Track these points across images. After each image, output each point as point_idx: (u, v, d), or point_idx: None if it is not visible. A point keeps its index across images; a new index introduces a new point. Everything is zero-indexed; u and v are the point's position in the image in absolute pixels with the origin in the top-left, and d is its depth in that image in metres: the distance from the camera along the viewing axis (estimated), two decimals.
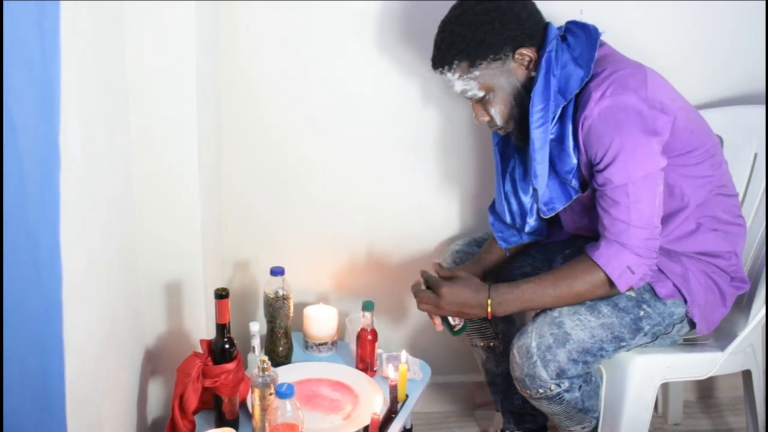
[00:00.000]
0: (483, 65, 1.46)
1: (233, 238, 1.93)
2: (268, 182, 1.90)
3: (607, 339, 1.47)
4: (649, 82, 1.43)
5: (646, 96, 1.40)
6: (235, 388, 1.50)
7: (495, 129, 1.56)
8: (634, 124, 1.39)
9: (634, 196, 1.40)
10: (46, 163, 0.91)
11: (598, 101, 1.40)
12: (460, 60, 1.46)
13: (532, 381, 1.45)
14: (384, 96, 1.85)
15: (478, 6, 1.45)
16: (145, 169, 1.49)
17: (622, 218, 1.41)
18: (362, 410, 1.58)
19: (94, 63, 1.21)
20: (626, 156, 1.39)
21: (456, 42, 1.45)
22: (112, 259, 1.36)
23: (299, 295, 1.93)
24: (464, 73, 1.47)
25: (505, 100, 1.49)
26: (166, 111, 1.47)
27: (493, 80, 1.47)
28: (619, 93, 1.39)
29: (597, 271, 1.44)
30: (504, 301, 1.49)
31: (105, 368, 1.32)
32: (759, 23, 1.85)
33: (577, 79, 1.43)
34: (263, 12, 1.75)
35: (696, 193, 1.52)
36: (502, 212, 1.64)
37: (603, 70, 1.43)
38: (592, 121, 1.41)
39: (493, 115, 1.51)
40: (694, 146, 1.49)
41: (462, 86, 1.50)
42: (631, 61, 1.49)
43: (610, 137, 1.39)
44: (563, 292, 1.46)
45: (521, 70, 1.48)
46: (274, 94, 1.83)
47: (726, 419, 2.06)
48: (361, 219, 1.95)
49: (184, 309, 1.62)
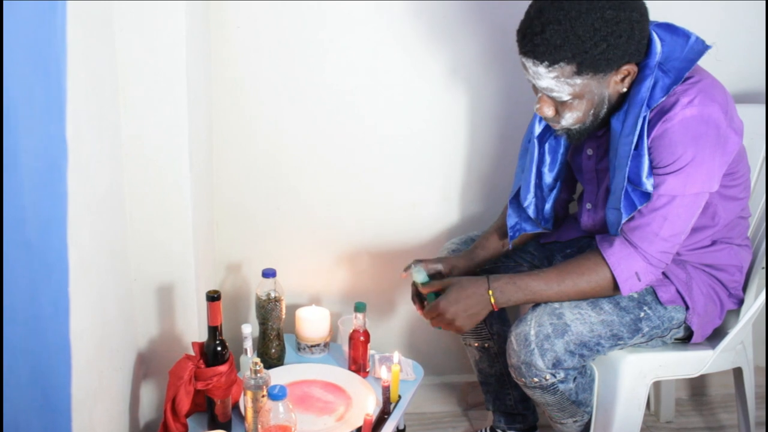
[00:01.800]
0: (589, 76, 1.32)
1: (225, 240, 1.93)
2: (260, 184, 1.90)
3: (606, 336, 1.47)
4: (728, 96, 1.40)
5: (727, 111, 1.37)
6: (228, 390, 1.49)
7: (552, 124, 1.45)
8: (710, 139, 1.34)
9: (676, 210, 1.38)
10: (55, 160, 0.91)
11: (685, 107, 1.33)
12: (568, 63, 1.30)
13: (528, 369, 1.45)
14: (375, 96, 1.85)
15: (609, 11, 1.28)
16: (136, 170, 1.49)
17: (654, 226, 1.39)
18: (355, 411, 1.58)
19: (83, 64, 1.20)
20: (690, 169, 1.35)
21: (573, 43, 1.28)
22: (103, 261, 1.36)
23: (291, 296, 1.93)
24: (564, 75, 1.32)
25: (587, 108, 1.38)
26: (157, 112, 1.46)
27: (588, 90, 1.35)
28: (706, 104, 1.33)
29: (604, 269, 1.43)
30: (506, 290, 1.47)
31: (97, 371, 1.32)
32: (753, 22, 1.87)
33: (664, 87, 1.35)
34: (253, 13, 1.75)
35: (727, 214, 1.51)
36: (529, 206, 1.59)
37: (690, 77, 1.36)
38: (671, 125, 1.34)
39: (566, 117, 1.40)
40: (737, 169, 1.47)
41: (550, 84, 1.35)
42: (704, 70, 1.43)
43: (684, 148, 1.34)
44: (567, 287, 1.46)
45: (616, 84, 1.37)
46: (265, 95, 1.83)
47: (718, 417, 2.07)
48: (353, 220, 1.95)
49: (176, 311, 1.62)
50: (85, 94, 1.22)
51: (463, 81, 1.85)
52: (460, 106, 1.87)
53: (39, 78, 0.86)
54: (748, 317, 1.56)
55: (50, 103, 0.89)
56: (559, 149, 1.57)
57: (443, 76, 1.84)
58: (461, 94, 1.86)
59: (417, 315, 1.63)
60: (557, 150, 1.57)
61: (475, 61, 1.84)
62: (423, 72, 1.84)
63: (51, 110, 0.89)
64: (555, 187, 1.59)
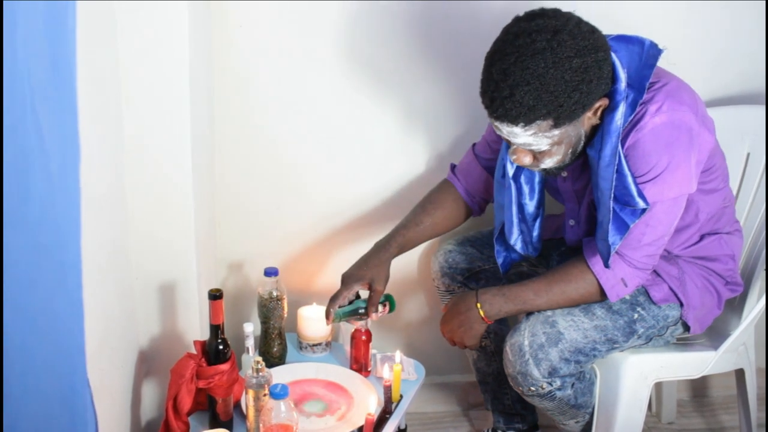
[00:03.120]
0: (566, 124, 1.29)
1: (227, 239, 1.93)
2: (262, 182, 1.90)
3: (600, 341, 1.47)
4: (696, 95, 1.40)
5: (697, 111, 1.36)
6: (229, 389, 1.49)
7: (530, 168, 1.42)
8: (683, 142, 1.33)
9: (657, 216, 1.37)
10: (68, 159, 0.91)
11: (654, 115, 1.31)
12: (544, 119, 1.27)
13: (524, 379, 1.45)
14: (379, 96, 1.85)
15: (576, 60, 1.24)
16: (138, 169, 1.49)
17: (636, 233, 1.38)
18: (357, 411, 1.58)
19: (86, 63, 1.20)
20: (667, 175, 1.34)
21: (546, 100, 1.24)
22: (105, 259, 1.36)
23: (293, 295, 1.93)
24: (541, 131, 1.29)
25: (566, 150, 1.35)
26: (159, 111, 1.46)
27: (565, 135, 1.32)
28: (675, 108, 1.32)
29: (590, 277, 1.44)
30: (494, 302, 1.49)
31: (99, 369, 1.32)
32: (752, 22, 1.87)
33: (632, 103, 1.32)
34: (256, 12, 1.75)
35: (709, 208, 1.51)
36: (516, 242, 1.55)
37: (655, 82, 1.34)
38: (642, 135, 1.32)
39: (545, 162, 1.37)
40: (713, 163, 1.47)
41: (528, 140, 1.31)
42: (667, 71, 1.42)
43: (658, 156, 1.32)
44: (556, 296, 1.46)
45: (590, 119, 1.34)
46: (268, 94, 1.83)
47: (719, 418, 2.06)
48: (355, 219, 1.95)
49: (178, 310, 1.62)
50: (87, 93, 1.21)
51: (466, 83, 1.85)
52: (467, 111, 1.87)
53: (50, 77, 0.86)
54: (751, 319, 1.56)
55: (62, 102, 0.89)
56: (535, 177, 1.52)
57: (446, 75, 1.84)
58: (461, 93, 1.86)
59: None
60: (533, 179, 1.52)
61: (475, 60, 1.83)
62: (426, 72, 1.83)
63: (63, 109, 0.89)
64: (539, 215, 1.56)
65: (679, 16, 1.85)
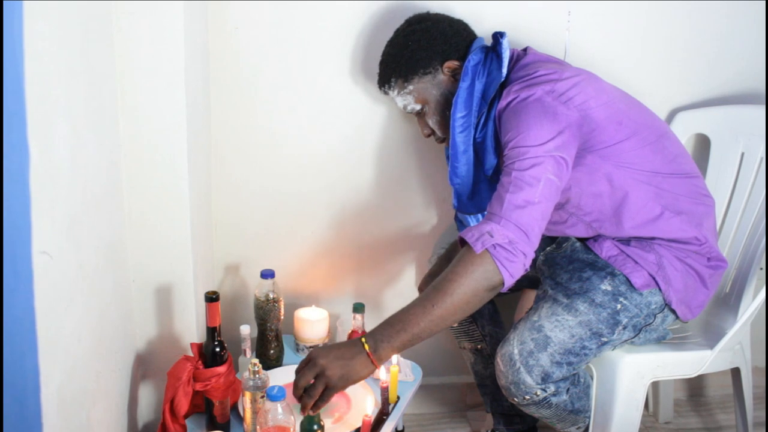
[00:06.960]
0: (415, 80, 1.60)
1: (224, 241, 1.93)
2: (258, 185, 1.90)
3: (587, 336, 1.47)
4: (563, 81, 1.47)
5: (552, 90, 1.46)
6: (226, 391, 1.49)
7: (439, 142, 1.67)
8: (532, 109, 1.44)
9: (517, 174, 1.38)
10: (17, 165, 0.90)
11: (506, 97, 1.48)
12: (396, 77, 1.62)
13: (517, 388, 1.45)
14: (375, 99, 1.85)
15: (408, 29, 1.62)
16: (135, 171, 1.49)
17: (500, 191, 1.39)
18: (354, 412, 1.58)
19: (82, 64, 1.21)
20: (521, 137, 1.41)
21: (390, 62, 1.63)
22: (101, 261, 1.36)
23: (290, 297, 1.93)
24: (401, 89, 1.62)
25: (439, 110, 1.62)
26: (156, 113, 1.46)
27: (426, 93, 1.61)
28: (526, 90, 1.47)
29: (463, 247, 1.37)
30: (383, 337, 1.35)
31: (95, 372, 1.32)
32: (750, 22, 1.88)
33: (495, 85, 1.52)
34: (252, 14, 1.75)
35: (637, 180, 1.51)
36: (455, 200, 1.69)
37: (525, 75, 1.50)
38: (501, 114, 1.49)
39: (432, 126, 1.64)
40: (625, 136, 1.50)
41: (402, 102, 1.64)
42: (558, 65, 1.54)
43: (511, 124, 1.45)
44: (455, 293, 1.33)
45: (450, 82, 1.60)
46: (264, 96, 1.83)
47: (716, 417, 2.07)
48: (351, 221, 1.96)
49: (175, 312, 1.62)
50: (83, 95, 1.22)
51: None
52: None
53: None
54: (746, 317, 1.56)
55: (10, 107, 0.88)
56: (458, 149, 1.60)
57: None
58: None
59: None
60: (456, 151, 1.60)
61: None
62: None
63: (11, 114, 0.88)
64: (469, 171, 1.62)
65: (676, 16, 1.86)
